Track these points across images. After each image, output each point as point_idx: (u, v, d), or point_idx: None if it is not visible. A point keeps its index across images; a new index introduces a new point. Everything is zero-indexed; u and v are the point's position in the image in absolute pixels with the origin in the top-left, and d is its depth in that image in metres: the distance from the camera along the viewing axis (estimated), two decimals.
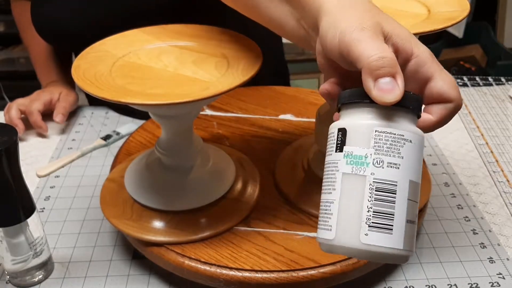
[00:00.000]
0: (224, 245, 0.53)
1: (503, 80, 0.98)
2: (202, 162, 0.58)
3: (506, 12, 2.15)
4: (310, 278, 0.50)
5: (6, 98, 1.86)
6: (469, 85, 0.97)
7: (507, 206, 0.65)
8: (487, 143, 0.78)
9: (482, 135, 0.80)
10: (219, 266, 0.50)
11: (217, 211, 0.56)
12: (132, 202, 0.56)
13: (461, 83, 0.97)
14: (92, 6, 0.77)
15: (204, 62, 0.51)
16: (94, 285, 0.54)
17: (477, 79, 0.99)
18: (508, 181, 0.70)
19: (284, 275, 0.50)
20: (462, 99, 0.36)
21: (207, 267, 0.51)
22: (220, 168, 0.60)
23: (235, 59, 0.50)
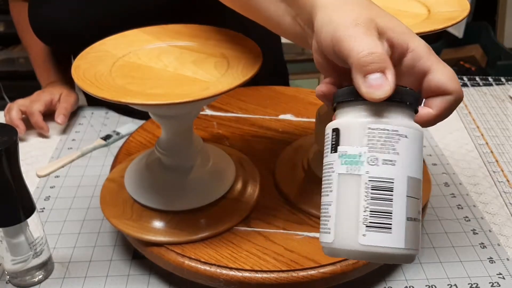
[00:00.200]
0: (224, 245, 0.53)
1: (503, 80, 0.98)
2: (202, 162, 0.58)
3: (506, 12, 2.15)
4: (310, 278, 0.50)
5: (6, 98, 1.86)
6: (469, 85, 0.97)
7: (507, 206, 0.65)
8: (487, 143, 0.78)
9: (482, 135, 0.80)
10: (219, 266, 0.50)
11: (217, 211, 0.56)
12: (132, 202, 0.56)
13: (461, 83, 0.97)
14: (91, 7, 0.77)
15: (204, 62, 0.51)
16: (94, 285, 0.54)
17: (477, 79, 0.99)
18: (508, 181, 0.70)
19: (284, 275, 0.50)
20: (463, 91, 0.35)
21: (207, 267, 0.51)
22: (220, 168, 0.60)
23: (235, 59, 0.50)
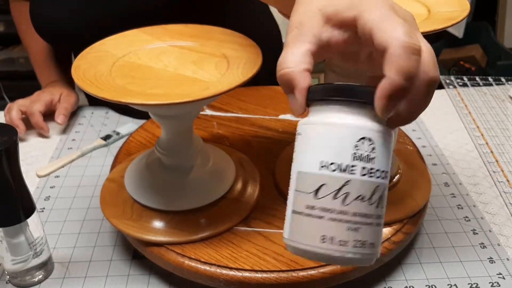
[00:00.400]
0: (224, 245, 0.53)
1: (503, 80, 0.98)
2: (202, 162, 0.58)
3: (506, 12, 2.15)
4: (310, 278, 0.50)
5: (6, 98, 1.86)
6: (469, 85, 0.97)
7: (507, 206, 0.65)
8: (487, 143, 0.78)
9: (482, 135, 0.80)
10: (219, 266, 0.50)
11: (217, 211, 0.56)
12: (132, 202, 0.56)
13: (461, 83, 0.97)
14: (91, 7, 0.77)
15: (204, 62, 0.51)
16: (94, 285, 0.54)
17: (477, 79, 0.99)
18: (508, 181, 0.70)
19: (284, 275, 0.50)
20: (411, 42, 0.30)
21: (207, 267, 0.50)
22: (220, 168, 0.60)
23: (235, 59, 0.50)
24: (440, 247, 0.59)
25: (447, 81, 0.97)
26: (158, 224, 0.54)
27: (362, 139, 0.33)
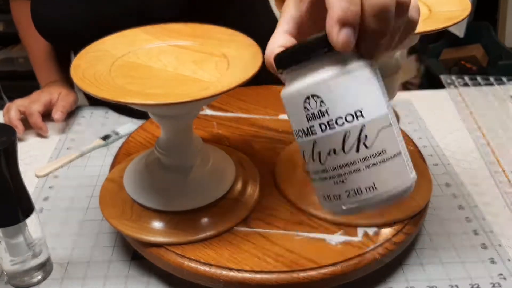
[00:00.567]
0: (224, 246, 0.53)
1: (505, 80, 0.98)
2: (202, 162, 0.58)
3: (507, 12, 2.14)
4: (310, 279, 0.49)
5: (5, 98, 1.86)
6: (470, 85, 0.96)
7: (509, 207, 0.65)
8: (489, 143, 0.78)
9: (484, 135, 0.80)
10: (219, 267, 0.50)
11: (217, 211, 0.56)
12: (132, 203, 0.56)
13: (462, 83, 0.97)
14: (92, 6, 0.77)
15: (204, 62, 0.51)
16: (93, 286, 0.54)
17: (478, 79, 0.98)
18: (510, 181, 0.69)
19: (284, 276, 0.50)
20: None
21: (207, 268, 0.50)
22: (220, 168, 0.60)
23: (235, 59, 0.50)
24: (441, 248, 0.58)
25: (448, 81, 0.97)
26: (158, 225, 0.54)
27: (307, 99, 0.33)
